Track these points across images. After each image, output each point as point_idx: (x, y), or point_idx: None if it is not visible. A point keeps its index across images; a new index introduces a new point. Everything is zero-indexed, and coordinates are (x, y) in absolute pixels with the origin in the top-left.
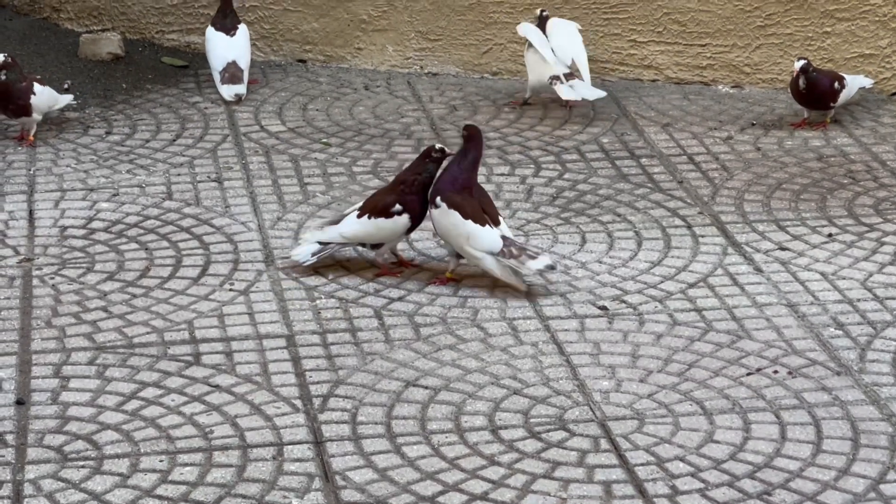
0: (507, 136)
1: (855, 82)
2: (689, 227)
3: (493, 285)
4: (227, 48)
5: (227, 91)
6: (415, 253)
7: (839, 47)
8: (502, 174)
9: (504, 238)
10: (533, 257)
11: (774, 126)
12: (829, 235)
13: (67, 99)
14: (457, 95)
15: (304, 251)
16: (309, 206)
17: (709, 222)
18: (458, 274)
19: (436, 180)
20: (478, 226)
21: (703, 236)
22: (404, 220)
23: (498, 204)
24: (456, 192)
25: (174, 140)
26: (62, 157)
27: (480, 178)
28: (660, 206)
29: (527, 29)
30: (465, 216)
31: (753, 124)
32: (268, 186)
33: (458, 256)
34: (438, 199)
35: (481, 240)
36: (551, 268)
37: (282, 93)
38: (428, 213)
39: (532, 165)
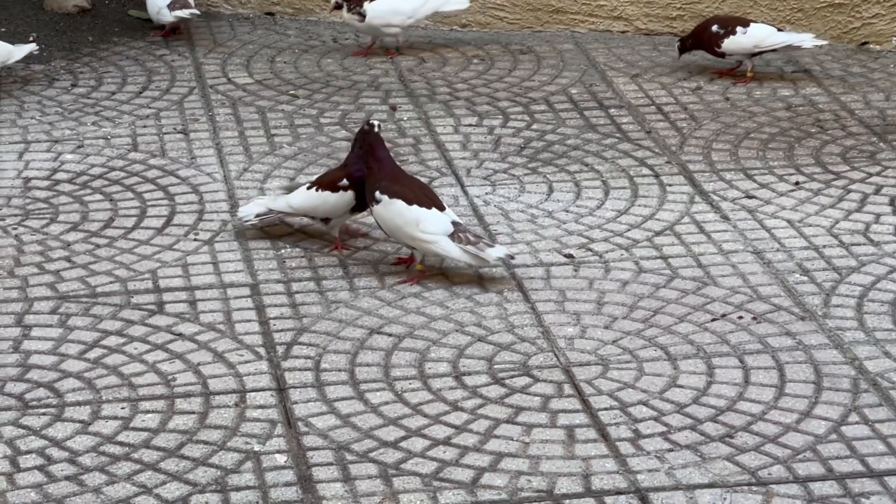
0: (476, 87)
1: (772, 36)
2: (657, 175)
3: None
4: None
5: (182, 13)
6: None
7: None
8: (470, 125)
9: (455, 223)
10: (490, 245)
11: (744, 76)
12: (797, 183)
13: (25, 50)
14: (426, 47)
15: (250, 210)
16: (275, 157)
17: (676, 171)
18: (427, 266)
19: (367, 181)
20: (424, 209)
21: (670, 185)
22: (349, 196)
23: (465, 154)
24: (392, 182)
25: (140, 92)
26: (27, 109)
27: (448, 129)
28: (628, 156)
29: None
30: (410, 202)
31: (721, 75)
32: (234, 138)
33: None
34: (377, 193)
35: (431, 222)
36: (511, 257)
37: (249, 45)
38: (370, 212)
39: (500, 116)
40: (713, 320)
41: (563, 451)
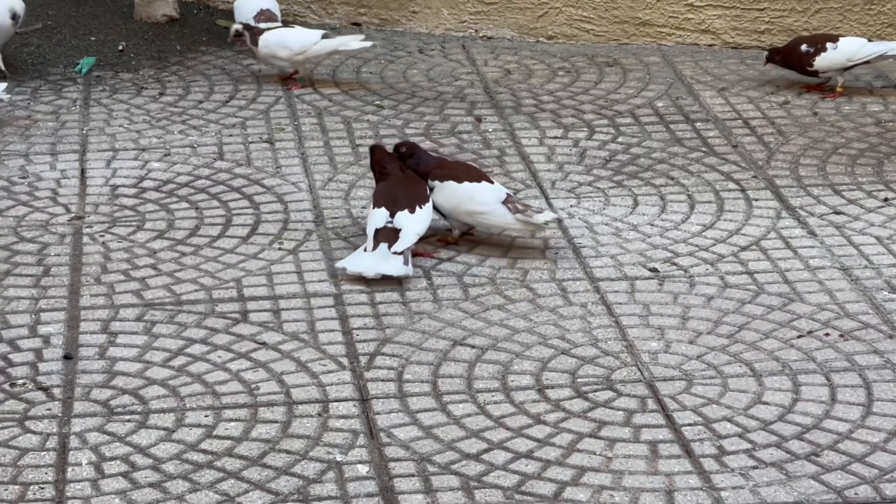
0: (561, 99)
1: (864, 48)
2: (743, 190)
3: (544, 246)
4: (257, 1)
5: (265, 27)
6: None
7: None
8: (555, 137)
9: (507, 194)
10: (539, 211)
11: (833, 91)
12: (886, 200)
13: None
14: (511, 59)
15: (396, 265)
16: (360, 167)
17: (763, 186)
18: (457, 240)
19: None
20: (475, 183)
21: (756, 200)
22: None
23: (550, 166)
24: (440, 168)
25: (227, 101)
26: (115, 117)
27: (533, 141)
28: (714, 170)
29: None
30: (460, 180)
31: (809, 89)
32: (319, 147)
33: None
34: (430, 181)
35: (485, 193)
36: (559, 220)
37: (335, 56)
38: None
39: (585, 129)
40: (799, 337)
41: (647, 467)
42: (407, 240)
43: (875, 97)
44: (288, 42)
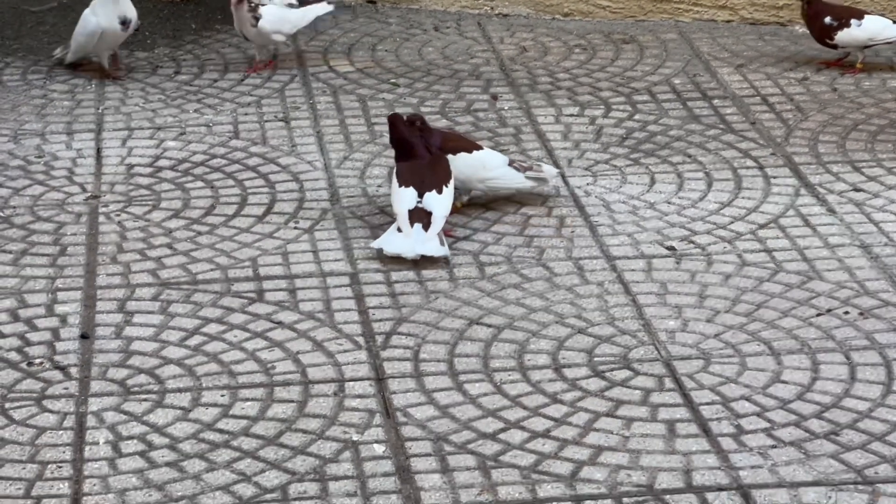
0: (578, 76)
1: (888, 29)
2: (761, 167)
3: (560, 224)
4: None
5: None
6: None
7: None
8: (572, 115)
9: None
10: (540, 167)
11: (852, 66)
12: None
13: None
14: (527, 36)
15: (433, 246)
16: (376, 145)
17: (781, 163)
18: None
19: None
20: (483, 151)
21: (774, 177)
22: None
23: (566, 144)
24: (447, 142)
25: (242, 80)
26: (130, 96)
27: (549, 119)
28: (731, 147)
29: None
30: (470, 150)
31: (829, 65)
32: (335, 126)
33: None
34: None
35: (493, 159)
36: (561, 174)
37: (351, 34)
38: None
39: (602, 106)
40: (818, 315)
41: (664, 446)
42: (438, 224)
43: (851, 74)
44: (289, 19)
